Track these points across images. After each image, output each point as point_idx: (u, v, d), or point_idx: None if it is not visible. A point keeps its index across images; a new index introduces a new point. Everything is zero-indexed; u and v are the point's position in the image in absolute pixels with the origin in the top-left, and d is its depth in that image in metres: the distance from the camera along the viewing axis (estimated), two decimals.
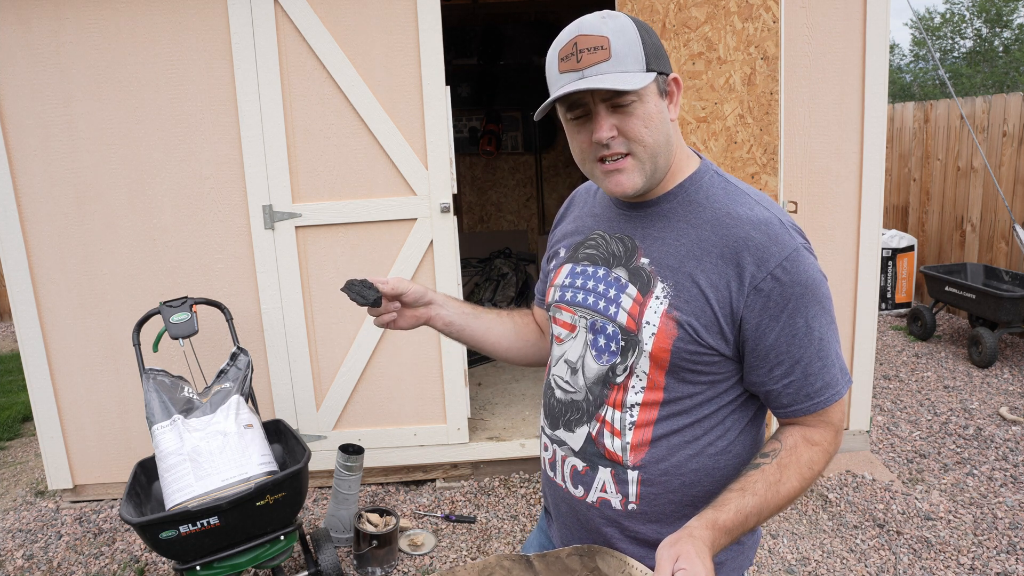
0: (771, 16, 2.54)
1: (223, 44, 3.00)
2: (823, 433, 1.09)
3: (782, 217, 1.07)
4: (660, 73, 1.06)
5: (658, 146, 1.07)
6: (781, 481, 1.05)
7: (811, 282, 1.04)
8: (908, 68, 23.32)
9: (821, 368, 1.06)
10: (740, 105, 2.68)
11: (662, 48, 1.07)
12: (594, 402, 1.15)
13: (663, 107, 1.07)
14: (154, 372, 2.61)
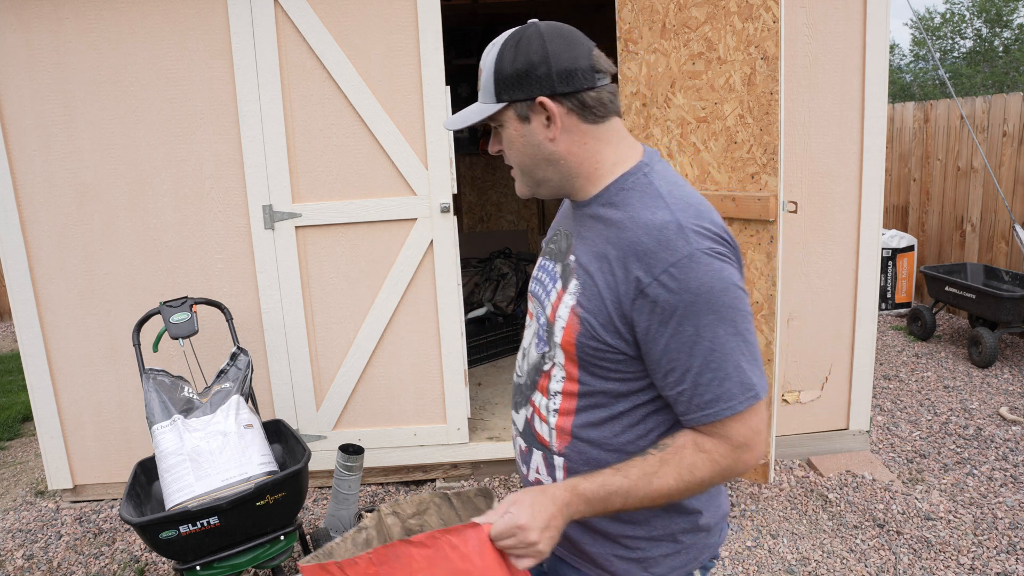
0: (771, 16, 2.54)
1: (223, 44, 3.00)
2: (715, 444, 1.07)
3: (686, 220, 1.04)
4: (519, 100, 1.10)
5: (525, 165, 1.15)
6: (657, 474, 1.06)
7: (703, 289, 1.01)
8: (908, 68, 23.32)
9: (711, 380, 1.03)
10: (740, 105, 2.68)
11: (536, 69, 1.09)
12: (530, 387, 1.22)
13: (528, 130, 1.12)
14: (154, 372, 2.61)
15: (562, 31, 1.12)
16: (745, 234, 2.75)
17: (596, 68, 1.11)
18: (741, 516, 3.03)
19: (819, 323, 3.37)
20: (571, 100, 1.10)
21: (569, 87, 1.09)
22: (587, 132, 1.13)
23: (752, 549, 2.80)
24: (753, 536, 2.88)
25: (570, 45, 1.10)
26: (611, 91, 1.14)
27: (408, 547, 1.07)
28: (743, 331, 1.04)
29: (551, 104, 1.09)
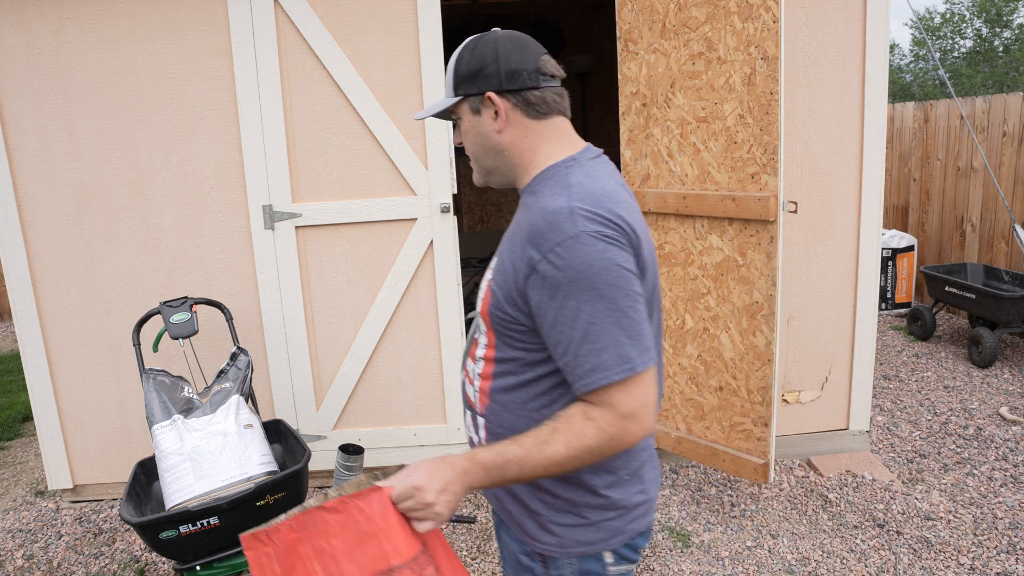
0: (771, 16, 2.54)
1: (223, 44, 3.01)
2: (601, 412, 1.12)
3: (578, 206, 1.12)
4: (471, 94, 1.25)
5: (476, 154, 1.30)
6: (548, 442, 1.13)
7: (584, 267, 1.09)
8: (908, 68, 23.32)
9: (590, 351, 1.10)
10: (740, 105, 2.68)
11: (487, 67, 1.23)
12: (465, 354, 1.35)
13: (478, 121, 1.26)
14: (154, 372, 2.61)
15: (515, 38, 1.26)
16: (745, 234, 2.75)
17: (542, 71, 1.25)
18: (741, 516, 3.03)
19: (819, 323, 3.37)
20: (516, 96, 1.24)
21: (515, 85, 1.23)
22: (529, 127, 1.25)
23: (752, 549, 2.80)
24: (753, 536, 2.89)
25: (519, 49, 1.24)
26: (557, 92, 1.27)
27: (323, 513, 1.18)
28: (624, 308, 1.11)
29: (497, 99, 1.23)
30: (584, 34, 6.40)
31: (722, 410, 2.97)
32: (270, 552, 1.20)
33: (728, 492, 3.22)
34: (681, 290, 3.02)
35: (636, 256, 1.15)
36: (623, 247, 1.12)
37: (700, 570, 2.69)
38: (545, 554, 1.27)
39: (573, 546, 1.26)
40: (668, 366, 3.15)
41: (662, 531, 2.94)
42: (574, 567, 1.26)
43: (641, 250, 1.16)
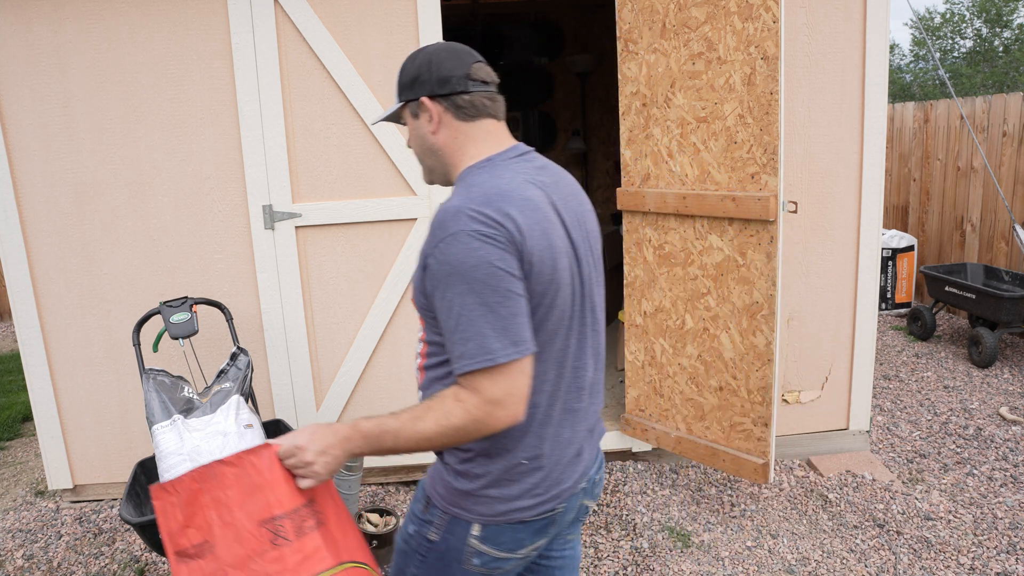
0: (771, 16, 2.54)
1: (223, 44, 3.00)
2: (469, 395, 1.22)
3: (467, 206, 1.22)
4: (409, 100, 1.38)
5: (418, 154, 1.44)
6: (421, 419, 1.24)
7: (458, 263, 1.19)
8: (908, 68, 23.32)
9: (459, 340, 1.20)
10: (740, 105, 2.68)
11: (422, 75, 1.36)
12: (418, 340, 1.44)
13: (417, 124, 1.40)
14: (154, 372, 2.61)
15: (450, 48, 1.39)
16: (745, 234, 2.75)
17: (471, 77, 1.36)
18: (741, 516, 3.03)
19: (819, 323, 3.37)
20: (447, 100, 1.36)
21: (445, 90, 1.35)
22: (460, 128, 1.37)
23: (752, 549, 2.80)
24: (753, 536, 2.89)
25: (452, 58, 1.37)
26: (488, 97, 1.38)
27: (221, 466, 1.33)
28: (491, 303, 1.19)
29: (429, 103, 1.36)
30: (584, 34, 6.40)
31: (722, 410, 2.97)
32: (174, 501, 1.33)
33: (728, 492, 3.22)
34: (681, 290, 3.02)
35: (519, 254, 1.22)
36: (500, 246, 1.20)
37: (700, 570, 2.69)
38: (431, 498, 1.40)
39: (445, 506, 1.37)
40: (668, 366, 3.15)
41: (662, 531, 2.94)
42: (444, 520, 1.38)
43: (527, 247, 1.22)
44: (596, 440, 1.49)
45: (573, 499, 1.42)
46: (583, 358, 1.39)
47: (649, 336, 3.20)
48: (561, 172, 1.44)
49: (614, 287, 5.31)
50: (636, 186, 3.12)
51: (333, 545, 1.37)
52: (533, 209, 1.26)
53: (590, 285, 1.40)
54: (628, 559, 2.77)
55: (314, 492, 1.36)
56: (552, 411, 1.35)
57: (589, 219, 1.43)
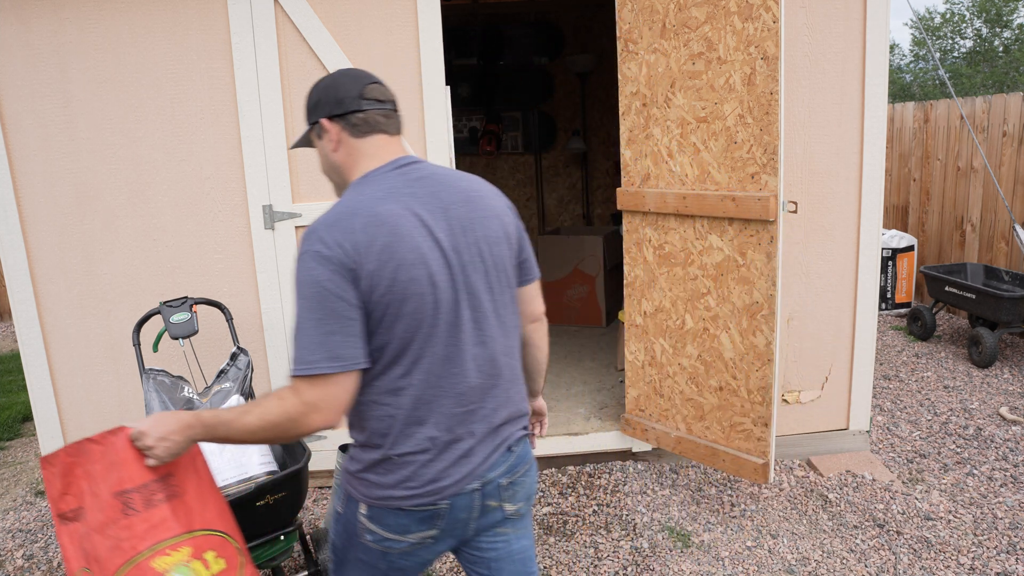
0: (771, 16, 2.54)
1: (223, 44, 3.00)
2: (290, 394, 1.34)
3: (318, 225, 1.37)
4: (313, 123, 1.51)
5: (325, 171, 1.58)
6: (248, 412, 1.37)
7: (299, 280, 1.34)
8: (908, 68, 23.32)
9: (294, 345, 1.34)
10: (740, 105, 2.68)
11: (322, 98, 1.49)
12: None
13: (321, 144, 1.53)
14: (154, 372, 2.61)
15: (349, 72, 1.51)
16: (745, 234, 2.75)
17: (364, 96, 1.47)
18: (741, 516, 3.03)
19: (819, 323, 3.37)
20: (343, 120, 1.47)
21: (341, 109, 1.46)
22: (354, 145, 1.48)
23: (752, 549, 2.80)
24: (753, 536, 2.89)
25: (348, 81, 1.49)
26: (382, 114, 1.49)
27: (89, 444, 1.52)
28: (314, 319, 1.32)
29: (327, 123, 1.48)
30: (584, 34, 6.40)
31: (722, 410, 2.97)
32: (55, 471, 1.54)
33: (728, 492, 3.22)
34: (681, 290, 3.02)
35: (353, 273, 1.33)
36: (331, 267, 1.32)
37: (700, 570, 2.69)
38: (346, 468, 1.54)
39: (347, 482, 1.52)
40: (668, 366, 3.15)
41: (662, 531, 2.94)
42: (344, 496, 1.54)
43: (362, 265, 1.33)
44: (501, 444, 1.53)
45: (462, 498, 1.47)
46: (459, 364, 1.44)
47: (649, 336, 3.20)
48: (449, 180, 1.48)
49: (614, 287, 5.31)
50: (636, 186, 3.12)
51: (185, 515, 1.58)
52: (378, 225, 1.35)
53: (471, 292, 1.44)
54: (628, 559, 2.78)
55: (172, 468, 1.56)
56: (419, 414, 1.43)
57: (483, 225, 1.47)
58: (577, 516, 3.08)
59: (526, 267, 1.62)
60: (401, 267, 1.35)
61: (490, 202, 1.52)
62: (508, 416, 1.55)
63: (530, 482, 1.62)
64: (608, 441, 3.45)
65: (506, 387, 1.54)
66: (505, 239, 1.52)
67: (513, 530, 1.63)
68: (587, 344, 4.93)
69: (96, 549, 1.51)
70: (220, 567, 1.59)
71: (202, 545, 1.60)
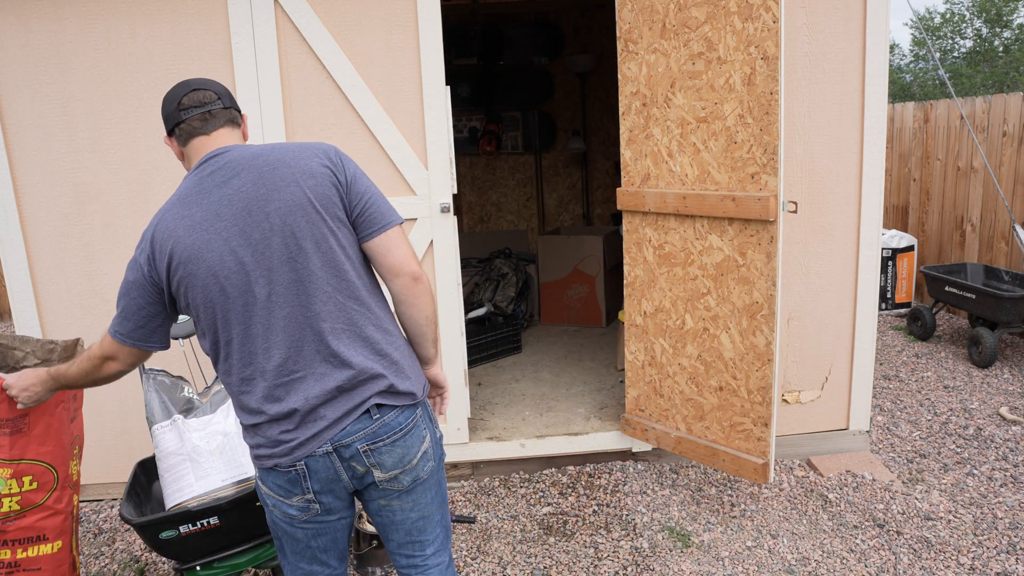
0: (771, 16, 2.54)
1: (223, 44, 3.00)
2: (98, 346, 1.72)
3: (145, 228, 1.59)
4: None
5: None
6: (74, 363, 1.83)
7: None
8: (908, 68, 23.31)
9: None
10: (740, 105, 2.68)
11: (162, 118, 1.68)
12: None
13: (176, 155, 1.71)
14: (154, 372, 2.61)
15: (172, 89, 1.66)
16: (745, 234, 2.75)
17: (181, 107, 1.62)
18: (741, 516, 3.03)
19: (819, 323, 3.37)
20: (174, 135, 1.66)
21: (169, 126, 1.65)
22: (186, 154, 1.65)
23: (752, 549, 2.80)
24: (753, 536, 2.89)
25: (168, 98, 1.65)
26: (199, 118, 1.62)
27: None
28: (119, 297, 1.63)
29: (167, 140, 1.69)
30: (584, 34, 6.40)
31: (722, 410, 2.97)
32: None
33: (728, 492, 3.22)
34: (681, 290, 3.02)
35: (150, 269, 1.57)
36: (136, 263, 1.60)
37: (700, 570, 2.69)
38: None
39: None
40: (668, 366, 3.15)
41: (662, 531, 2.94)
42: None
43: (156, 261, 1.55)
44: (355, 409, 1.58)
45: (317, 460, 1.58)
46: (264, 340, 1.55)
47: (649, 336, 3.20)
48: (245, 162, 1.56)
49: (614, 287, 5.31)
50: (636, 186, 3.12)
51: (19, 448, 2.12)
52: (163, 228, 1.55)
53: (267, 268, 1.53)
54: (628, 559, 2.78)
55: (29, 412, 2.09)
56: (247, 389, 1.59)
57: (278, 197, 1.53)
58: (577, 516, 3.08)
59: (366, 219, 1.63)
60: (190, 259, 1.53)
61: (289, 170, 1.55)
62: (350, 380, 1.57)
63: (402, 452, 1.63)
64: (608, 441, 3.45)
65: (343, 350, 1.57)
66: (308, 203, 1.54)
67: (400, 502, 1.69)
68: (587, 344, 4.93)
69: None
70: (32, 487, 2.17)
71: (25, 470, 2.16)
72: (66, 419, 2.28)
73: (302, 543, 1.70)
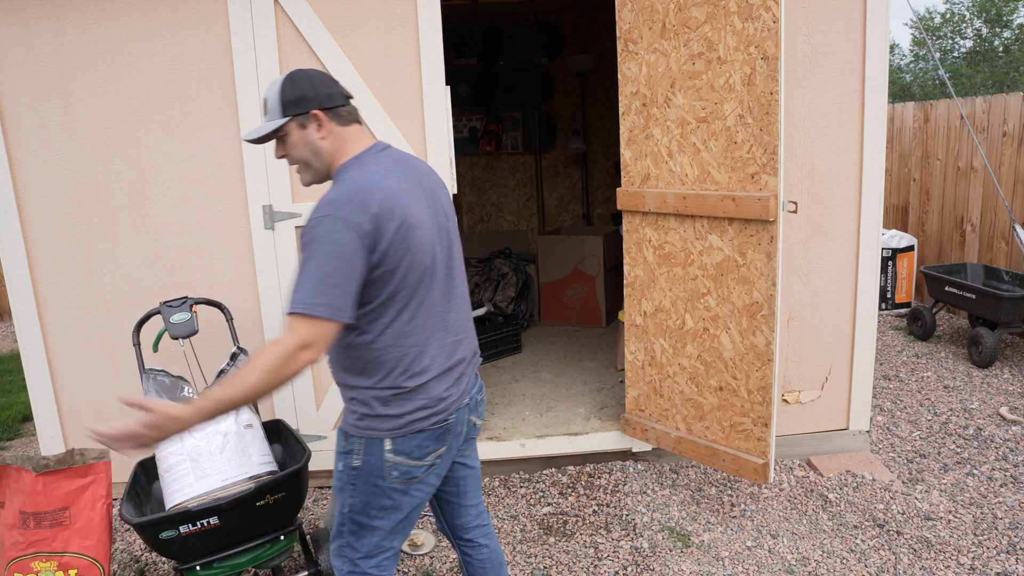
0: (771, 16, 2.54)
1: (223, 44, 3.00)
2: (284, 336, 1.54)
3: (332, 198, 1.60)
4: (298, 114, 1.69)
5: (306, 158, 1.73)
6: (243, 373, 1.53)
7: (311, 235, 1.56)
8: (908, 68, 23.31)
9: (294, 287, 1.56)
10: (740, 105, 2.68)
11: (307, 94, 1.69)
12: None
13: (306, 134, 1.71)
14: (154, 372, 2.61)
15: (323, 73, 1.76)
16: (745, 234, 2.75)
17: (344, 95, 1.75)
18: (741, 516, 3.03)
19: (819, 323, 3.37)
20: (331, 112, 1.72)
21: (330, 104, 1.72)
22: (340, 133, 1.73)
23: (752, 549, 2.80)
24: (753, 536, 2.89)
25: (329, 80, 1.74)
26: (353, 108, 1.77)
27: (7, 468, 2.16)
28: (319, 270, 1.54)
29: (320, 113, 1.70)
30: (584, 34, 6.40)
31: (722, 410, 2.97)
32: None
33: (728, 492, 3.22)
34: (681, 290, 3.02)
35: (372, 240, 1.58)
36: (353, 233, 1.56)
37: (700, 570, 2.69)
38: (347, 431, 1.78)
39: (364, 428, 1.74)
40: (668, 366, 3.15)
41: (662, 531, 2.94)
42: (361, 445, 1.75)
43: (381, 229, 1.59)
44: (474, 368, 1.93)
45: (460, 412, 1.83)
46: (447, 304, 1.79)
47: (649, 336, 3.20)
48: (414, 159, 1.83)
49: (614, 287, 5.31)
50: (636, 186, 3.12)
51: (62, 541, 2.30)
52: (390, 196, 1.63)
53: (451, 243, 1.82)
54: (628, 559, 2.78)
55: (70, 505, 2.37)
56: (425, 348, 1.73)
57: (442, 195, 1.84)
58: (577, 516, 3.08)
59: None
60: (413, 228, 1.65)
61: (439, 179, 1.87)
62: (475, 347, 1.96)
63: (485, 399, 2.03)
64: (608, 441, 3.45)
65: (471, 324, 1.94)
66: (451, 209, 1.87)
67: (471, 451, 2.02)
68: (587, 344, 4.93)
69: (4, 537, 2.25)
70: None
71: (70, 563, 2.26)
72: (107, 514, 2.40)
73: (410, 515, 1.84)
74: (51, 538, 2.27)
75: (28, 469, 2.20)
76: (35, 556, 2.28)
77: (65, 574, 2.26)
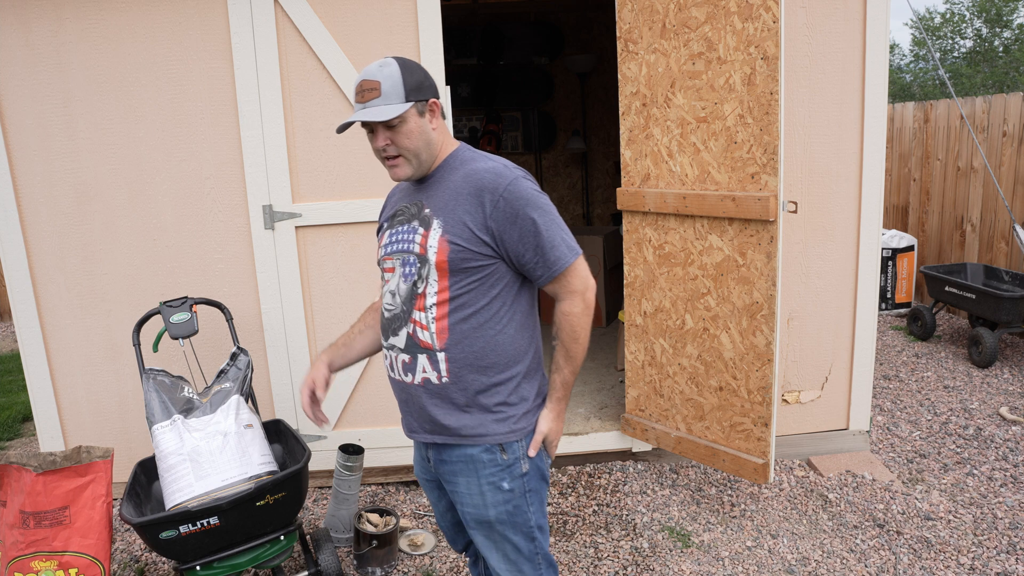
0: (771, 16, 2.54)
1: (223, 44, 3.00)
2: (570, 303, 1.65)
3: (506, 164, 1.65)
4: (419, 100, 1.63)
5: (419, 148, 1.66)
6: (571, 350, 1.67)
7: (528, 195, 1.61)
8: (908, 68, 23.31)
9: (550, 247, 1.61)
10: (740, 105, 2.68)
11: (426, 80, 1.66)
12: (408, 311, 1.69)
13: (423, 122, 1.65)
14: (154, 372, 2.61)
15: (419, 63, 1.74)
16: (745, 234, 2.75)
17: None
18: (741, 516, 3.03)
19: (819, 323, 3.37)
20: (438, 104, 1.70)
21: (437, 95, 1.70)
22: (442, 125, 1.72)
23: (752, 549, 2.80)
24: (753, 536, 2.89)
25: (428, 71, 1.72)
26: None
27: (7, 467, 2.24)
28: (555, 218, 1.64)
29: (436, 103, 1.68)
30: (584, 34, 6.40)
31: (722, 410, 2.97)
32: None
33: (728, 492, 3.22)
34: (681, 290, 3.02)
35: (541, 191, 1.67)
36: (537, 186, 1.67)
37: (700, 570, 2.69)
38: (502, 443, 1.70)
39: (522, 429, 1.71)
40: (668, 366, 3.15)
41: (662, 531, 2.94)
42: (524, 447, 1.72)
43: None
44: None
45: None
46: None
47: (649, 336, 3.20)
48: None
49: (614, 287, 5.31)
50: (636, 186, 3.12)
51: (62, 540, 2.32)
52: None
53: None
54: (628, 559, 2.78)
55: (70, 504, 2.37)
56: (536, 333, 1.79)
57: None
58: (577, 516, 3.08)
59: None
60: None
61: None
62: None
63: None
64: (608, 441, 3.45)
65: None
66: None
67: None
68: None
69: (4, 536, 2.25)
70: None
71: (71, 563, 2.27)
72: (107, 513, 2.40)
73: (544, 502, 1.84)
74: (51, 537, 2.27)
75: (28, 468, 2.21)
76: (35, 555, 2.29)
77: (65, 573, 2.27)
